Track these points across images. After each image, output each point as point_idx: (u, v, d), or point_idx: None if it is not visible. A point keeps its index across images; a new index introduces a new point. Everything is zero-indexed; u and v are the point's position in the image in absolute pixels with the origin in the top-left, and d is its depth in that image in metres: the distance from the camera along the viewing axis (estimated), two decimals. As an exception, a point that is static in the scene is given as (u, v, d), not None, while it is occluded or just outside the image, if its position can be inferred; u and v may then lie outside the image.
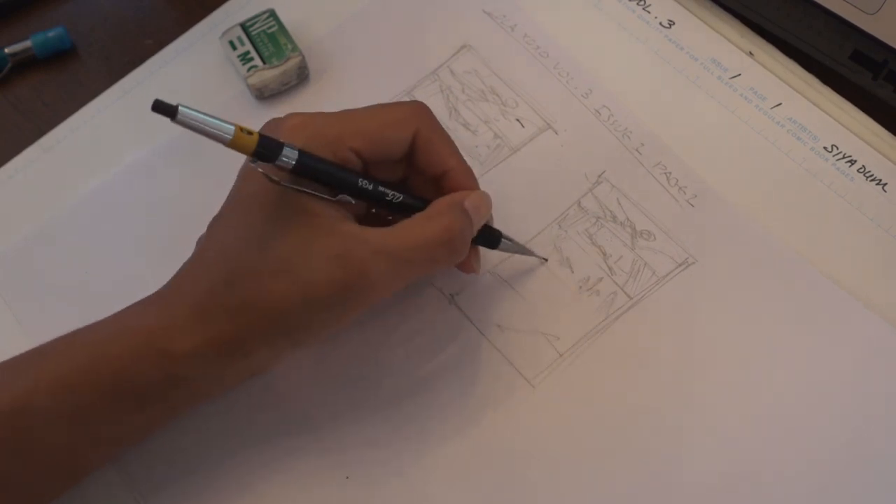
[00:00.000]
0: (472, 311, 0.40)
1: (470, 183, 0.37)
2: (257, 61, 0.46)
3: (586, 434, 0.38)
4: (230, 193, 0.36)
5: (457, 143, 0.38)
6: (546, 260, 0.41)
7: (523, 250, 0.41)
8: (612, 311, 0.40)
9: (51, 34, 0.49)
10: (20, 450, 0.33)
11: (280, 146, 0.32)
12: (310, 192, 0.33)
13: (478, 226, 0.37)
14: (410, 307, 0.41)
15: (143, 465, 0.38)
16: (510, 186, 0.42)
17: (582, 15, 0.48)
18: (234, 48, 0.46)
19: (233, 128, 0.30)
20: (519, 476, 0.37)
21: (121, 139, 0.46)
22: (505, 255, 0.41)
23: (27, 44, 0.49)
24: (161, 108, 0.29)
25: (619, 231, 0.42)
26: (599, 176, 0.43)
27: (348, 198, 0.34)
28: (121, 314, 0.35)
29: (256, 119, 0.46)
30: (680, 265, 0.41)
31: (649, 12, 0.48)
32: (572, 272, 0.41)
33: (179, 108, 0.29)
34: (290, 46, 0.46)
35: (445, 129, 0.44)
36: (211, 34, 0.49)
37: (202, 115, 0.30)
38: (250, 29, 0.47)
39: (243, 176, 0.36)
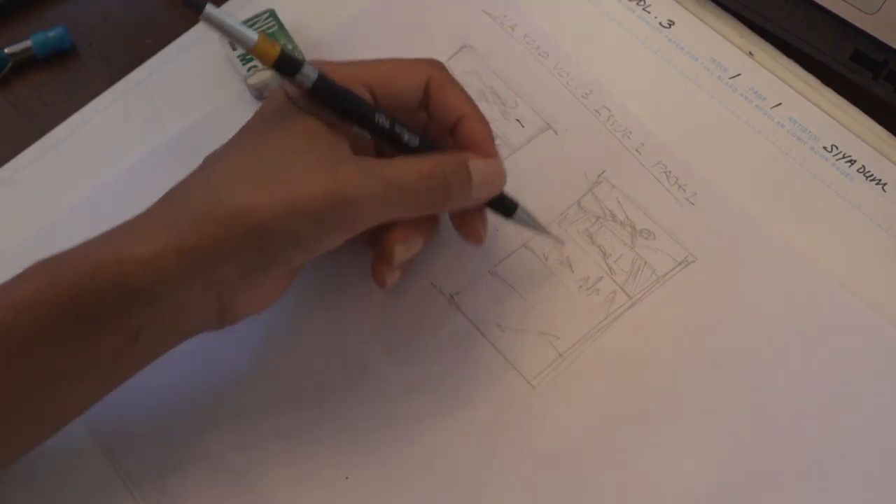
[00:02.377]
0: (472, 311, 0.40)
1: (483, 129, 0.37)
2: (257, 61, 0.46)
3: (586, 434, 0.38)
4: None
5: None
6: (563, 243, 0.41)
7: (539, 228, 0.40)
8: (612, 310, 0.40)
9: (51, 34, 0.49)
10: None
11: (301, 62, 0.32)
12: (325, 116, 0.33)
13: (482, 191, 0.36)
14: (410, 307, 0.41)
15: (141, 468, 0.38)
16: (510, 186, 0.41)
17: (582, 15, 0.48)
18: (235, 48, 0.46)
19: (256, 35, 0.31)
20: (519, 476, 0.37)
21: (121, 139, 0.46)
22: (504, 254, 0.41)
23: (27, 44, 0.49)
24: (190, 2, 0.30)
25: (619, 230, 0.42)
26: (599, 176, 0.43)
27: (365, 132, 0.34)
28: (87, 240, 0.33)
29: (256, 119, 0.46)
30: (680, 264, 0.41)
31: (649, 12, 0.48)
32: (572, 272, 0.41)
33: (207, 5, 0.30)
34: (290, 47, 0.46)
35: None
36: (211, 34, 0.48)
37: (228, 18, 0.31)
38: (250, 29, 0.47)
39: (255, 113, 0.36)
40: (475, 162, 0.36)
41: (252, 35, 0.31)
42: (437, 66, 0.37)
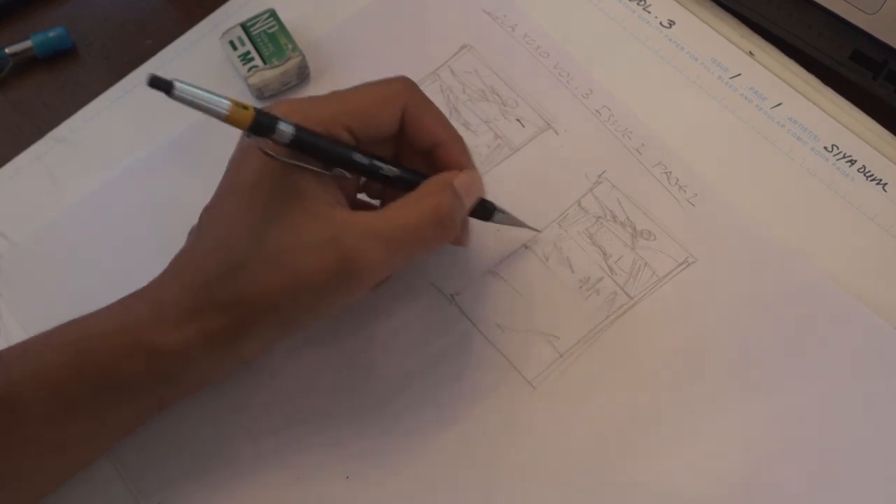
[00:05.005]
0: (472, 311, 0.40)
1: (461, 154, 0.37)
2: (258, 61, 0.46)
3: (586, 434, 0.38)
4: (221, 182, 0.35)
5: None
6: (539, 231, 0.41)
7: (516, 222, 0.40)
8: (613, 310, 0.40)
9: (51, 34, 0.49)
10: (8, 445, 0.33)
11: (276, 119, 0.32)
12: (305, 165, 0.33)
13: (469, 204, 0.36)
14: (411, 307, 0.41)
15: (141, 466, 0.38)
16: (510, 186, 0.42)
17: (582, 15, 0.48)
18: (235, 48, 0.46)
19: (228, 103, 0.31)
20: (519, 476, 0.37)
21: (121, 139, 0.46)
22: (504, 254, 0.41)
23: (27, 44, 0.49)
24: (157, 83, 0.29)
25: (620, 231, 0.42)
26: (600, 176, 0.43)
27: (343, 171, 0.34)
28: (111, 308, 0.35)
29: (256, 119, 0.46)
30: (680, 265, 0.41)
31: (649, 12, 0.48)
32: (572, 272, 0.41)
33: (175, 83, 0.29)
34: (290, 46, 0.46)
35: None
36: (211, 34, 0.49)
37: (198, 91, 0.30)
38: (251, 29, 0.47)
39: (235, 165, 0.35)
40: (459, 179, 0.36)
41: (224, 102, 0.30)
42: (410, 90, 0.37)
